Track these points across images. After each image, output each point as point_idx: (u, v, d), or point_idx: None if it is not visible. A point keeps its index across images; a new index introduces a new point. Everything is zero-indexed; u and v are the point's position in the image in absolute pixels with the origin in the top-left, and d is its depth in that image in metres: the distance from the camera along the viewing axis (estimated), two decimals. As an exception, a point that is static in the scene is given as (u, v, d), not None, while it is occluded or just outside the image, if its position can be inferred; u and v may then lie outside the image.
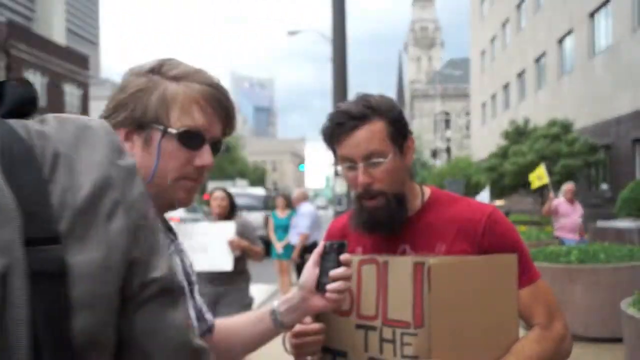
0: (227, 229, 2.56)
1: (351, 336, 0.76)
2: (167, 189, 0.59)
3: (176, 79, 0.59)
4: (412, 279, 0.70)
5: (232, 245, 2.52)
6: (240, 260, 2.64)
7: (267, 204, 9.95)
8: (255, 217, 7.84)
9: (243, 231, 2.65)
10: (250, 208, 9.08)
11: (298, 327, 0.75)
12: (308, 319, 0.75)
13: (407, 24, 62.70)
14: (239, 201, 4.61)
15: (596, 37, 11.43)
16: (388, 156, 0.76)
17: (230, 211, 2.75)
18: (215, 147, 0.62)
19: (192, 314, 0.66)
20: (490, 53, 20.30)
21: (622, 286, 3.22)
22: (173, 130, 0.58)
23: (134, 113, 0.58)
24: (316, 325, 0.75)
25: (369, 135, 0.76)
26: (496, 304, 0.74)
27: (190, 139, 0.59)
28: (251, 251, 2.67)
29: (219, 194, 2.74)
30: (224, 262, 2.51)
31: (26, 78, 0.43)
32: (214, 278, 2.59)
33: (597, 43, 11.37)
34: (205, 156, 0.60)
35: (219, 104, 0.61)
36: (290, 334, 0.76)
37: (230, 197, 2.78)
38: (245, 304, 2.63)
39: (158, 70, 0.59)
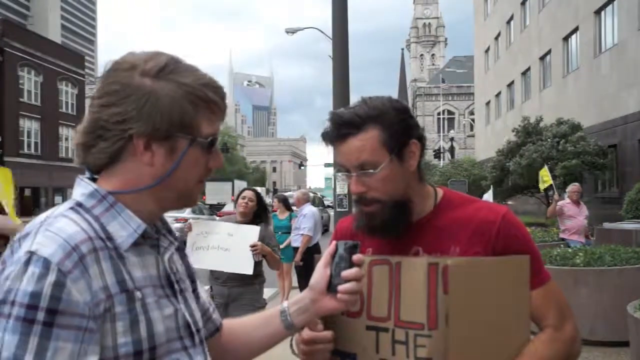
0: (252, 233, 2.54)
1: (361, 338, 0.74)
2: (187, 192, 0.61)
3: (191, 84, 0.58)
4: (426, 280, 0.69)
5: (256, 249, 2.51)
6: (258, 263, 2.61)
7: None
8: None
9: (264, 237, 2.63)
10: None
11: (308, 334, 0.73)
12: (320, 326, 0.73)
13: (410, 21, 62.45)
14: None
15: (602, 35, 11.29)
16: (380, 165, 0.74)
17: (257, 212, 2.70)
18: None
19: (197, 314, 0.64)
20: (494, 51, 20.17)
21: (628, 289, 3.18)
22: (202, 140, 0.59)
23: (155, 124, 0.56)
24: (327, 333, 0.73)
25: (361, 144, 0.74)
26: (508, 305, 0.73)
27: (212, 145, 0.60)
28: (272, 258, 2.66)
29: (248, 193, 2.73)
30: (245, 266, 2.50)
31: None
32: (229, 279, 2.58)
33: (603, 41, 11.24)
34: (218, 158, 0.62)
35: (225, 106, 0.62)
36: (299, 339, 0.74)
37: (259, 198, 2.75)
38: (259, 306, 2.63)
39: (167, 74, 0.57)
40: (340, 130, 0.75)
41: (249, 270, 2.49)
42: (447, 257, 0.74)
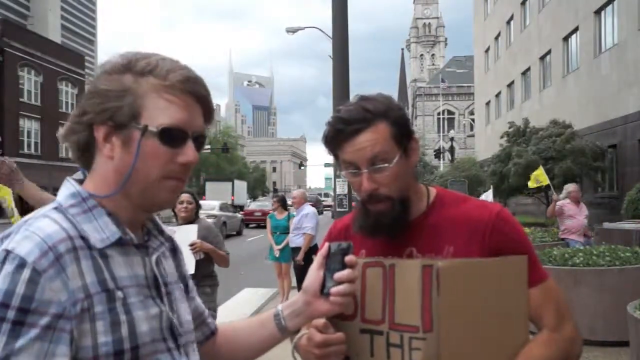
0: (190, 232, 2.51)
1: (355, 341, 0.73)
2: (150, 188, 0.58)
3: (149, 73, 0.57)
4: (420, 282, 0.68)
5: (195, 247, 2.46)
6: (205, 264, 2.54)
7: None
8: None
9: (207, 235, 2.59)
10: None
11: (320, 337, 0.71)
12: (332, 329, 0.72)
13: (410, 21, 62.38)
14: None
15: (602, 35, 11.30)
16: (393, 160, 0.74)
17: (195, 214, 2.67)
18: (198, 142, 0.59)
19: (185, 317, 0.64)
20: (494, 51, 20.16)
21: (628, 288, 3.18)
22: (153, 129, 0.56)
23: (108, 112, 0.56)
24: (340, 335, 0.71)
25: (372, 138, 0.73)
26: (506, 307, 0.72)
27: (172, 136, 0.56)
28: (216, 255, 2.59)
29: (185, 196, 2.60)
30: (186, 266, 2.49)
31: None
32: None
33: (603, 41, 11.24)
34: (189, 152, 0.58)
35: (198, 95, 0.58)
36: (311, 344, 0.72)
37: (196, 200, 2.69)
38: (210, 308, 2.56)
39: (129, 67, 0.57)
40: (348, 127, 0.73)
41: (190, 270, 2.42)
42: (441, 258, 0.73)
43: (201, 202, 3.15)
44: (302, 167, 56.18)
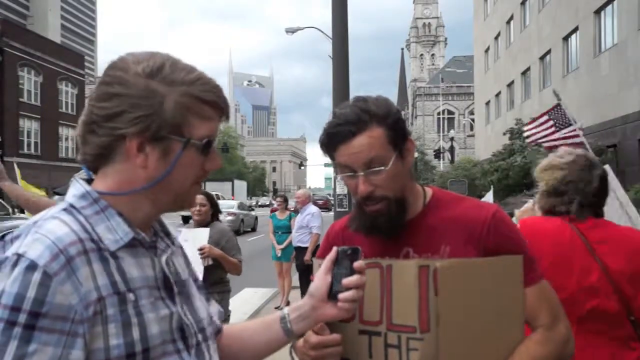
0: (202, 235, 2.37)
1: (354, 342, 0.74)
2: (182, 195, 0.60)
3: (188, 86, 0.57)
4: (417, 282, 0.69)
5: (204, 252, 2.32)
6: (214, 270, 2.38)
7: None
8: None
9: (219, 239, 2.44)
10: None
11: (316, 339, 0.72)
12: (328, 331, 0.73)
13: (410, 21, 62.44)
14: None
15: (602, 35, 11.31)
16: (389, 162, 0.74)
17: (212, 215, 2.51)
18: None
19: (200, 315, 0.63)
20: (494, 51, 20.17)
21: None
22: (196, 142, 0.58)
23: (147, 125, 0.55)
24: (336, 336, 0.72)
25: (368, 142, 0.73)
26: (502, 306, 0.73)
27: (208, 147, 0.59)
28: (225, 261, 2.41)
29: (198, 198, 2.39)
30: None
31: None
32: None
33: (603, 41, 11.25)
34: (216, 159, 0.61)
35: (225, 107, 0.61)
36: (300, 346, 0.72)
37: (211, 200, 2.53)
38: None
39: (161, 74, 0.56)
40: (344, 130, 0.74)
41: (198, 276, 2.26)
42: (437, 258, 0.74)
43: (221, 201, 2.93)
44: (302, 167, 56.18)
